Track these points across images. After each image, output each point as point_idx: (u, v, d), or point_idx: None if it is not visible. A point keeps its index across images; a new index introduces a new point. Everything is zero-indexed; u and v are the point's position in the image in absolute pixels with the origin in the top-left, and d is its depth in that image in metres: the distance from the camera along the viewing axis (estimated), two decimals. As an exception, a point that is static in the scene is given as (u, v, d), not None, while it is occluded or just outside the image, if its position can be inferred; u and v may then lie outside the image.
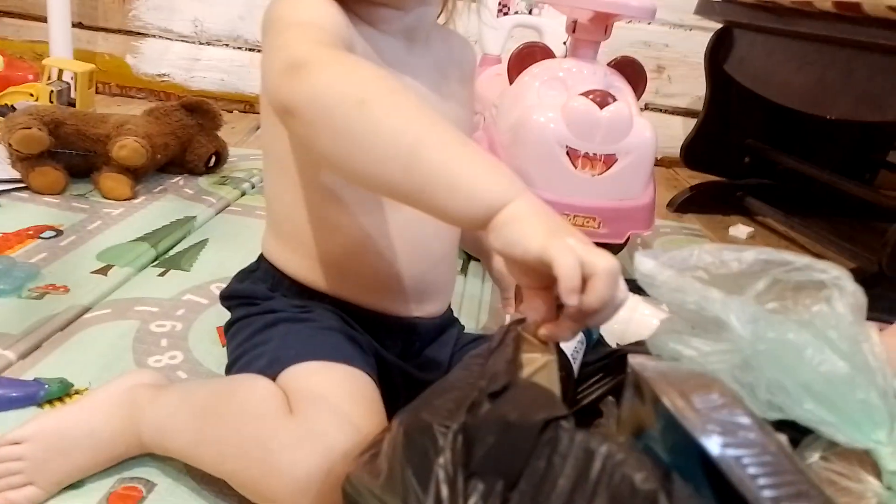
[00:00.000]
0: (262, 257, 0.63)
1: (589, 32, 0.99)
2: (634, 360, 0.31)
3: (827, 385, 0.36)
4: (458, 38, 0.64)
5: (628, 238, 1.05)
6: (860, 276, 1.10)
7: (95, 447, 0.52)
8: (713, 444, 0.25)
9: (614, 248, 1.08)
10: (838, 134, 1.47)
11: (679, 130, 1.83)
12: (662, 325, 0.37)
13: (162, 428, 0.51)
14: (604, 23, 0.97)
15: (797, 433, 0.38)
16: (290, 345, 0.52)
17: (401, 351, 0.60)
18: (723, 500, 0.24)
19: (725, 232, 1.42)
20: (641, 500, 0.23)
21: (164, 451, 0.52)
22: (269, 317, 0.56)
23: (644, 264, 0.37)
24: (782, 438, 0.30)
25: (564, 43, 1.09)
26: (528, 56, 1.02)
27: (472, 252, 0.91)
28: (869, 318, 0.44)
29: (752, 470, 0.24)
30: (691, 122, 1.70)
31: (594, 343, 0.50)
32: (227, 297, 0.64)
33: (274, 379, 0.49)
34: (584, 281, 0.35)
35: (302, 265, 0.58)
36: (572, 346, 0.46)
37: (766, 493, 0.23)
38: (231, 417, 0.47)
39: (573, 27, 1.00)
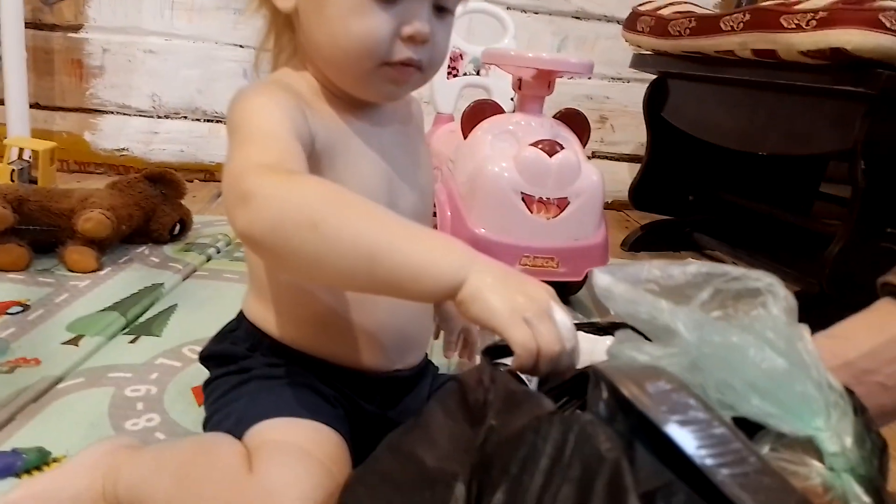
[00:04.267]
0: (242, 317, 0.64)
1: (533, 88, 1.06)
2: (597, 364, 0.34)
3: (769, 381, 0.40)
4: (411, 100, 0.69)
5: (586, 275, 1.10)
6: (803, 298, 1.16)
7: None
8: (666, 422, 0.28)
9: (574, 286, 1.13)
10: (774, 168, 1.57)
11: (626, 175, 1.93)
12: (619, 335, 0.41)
13: (137, 491, 0.51)
14: (546, 79, 1.05)
15: (748, 429, 0.42)
16: (258, 403, 0.53)
17: (381, 402, 0.62)
18: (676, 471, 0.27)
19: (678, 267, 1.48)
20: (607, 466, 0.26)
21: None
22: (243, 375, 0.58)
23: (601, 280, 0.41)
24: (726, 417, 0.34)
25: (512, 99, 1.16)
26: (479, 112, 1.09)
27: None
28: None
29: (700, 442, 0.27)
30: (636, 167, 1.79)
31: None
32: (206, 358, 0.65)
33: (241, 438, 0.51)
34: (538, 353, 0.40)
35: (284, 326, 0.59)
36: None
37: (710, 462, 0.26)
38: (197, 481, 0.48)
39: (519, 84, 1.07)
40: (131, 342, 0.89)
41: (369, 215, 0.44)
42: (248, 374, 0.58)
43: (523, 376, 0.53)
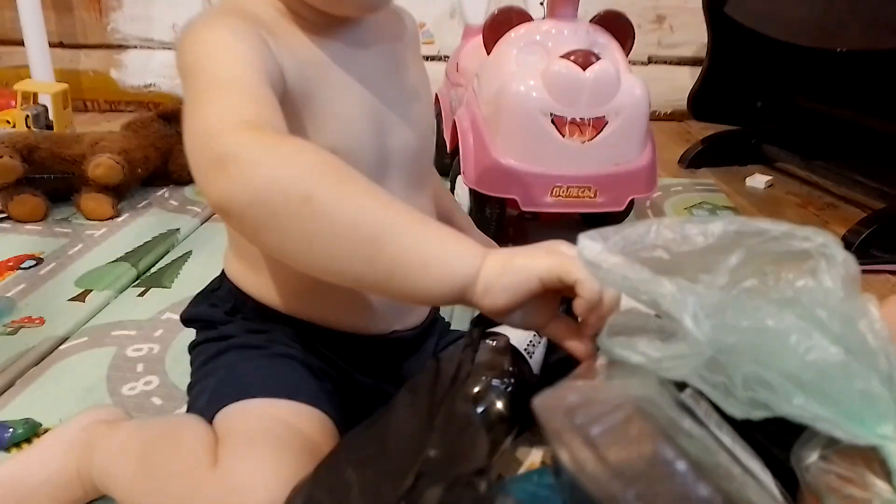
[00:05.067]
0: (224, 275, 0.58)
1: (564, -11, 0.92)
2: (538, 400, 0.26)
3: (819, 375, 0.30)
4: (403, 14, 0.58)
5: (631, 203, 0.98)
6: (889, 216, 1.01)
7: (52, 493, 0.49)
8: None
9: (618, 216, 1.02)
10: (857, 67, 1.37)
11: (687, 81, 1.74)
12: (617, 318, 0.32)
13: (106, 471, 0.48)
14: (576, -23, 0.90)
15: (789, 432, 0.33)
16: (232, 379, 0.48)
17: (379, 369, 0.55)
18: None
19: (742, 184, 1.33)
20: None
21: (109, 495, 0.48)
22: (221, 344, 0.52)
23: (588, 249, 0.31)
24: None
25: (541, 3, 1.02)
26: (503, 22, 0.96)
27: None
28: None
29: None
30: (699, 71, 1.61)
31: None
32: (187, 321, 0.60)
33: (212, 419, 0.45)
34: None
35: (266, 286, 0.53)
36: (525, 339, 0.42)
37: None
38: (159, 470, 0.44)
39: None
40: (140, 295, 0.86)
41: (373, 193, 0.37)
42: (226, 343, 0.53)
43: (521, 349, 0.45)
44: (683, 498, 0.21)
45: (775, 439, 0.32)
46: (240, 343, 0.52)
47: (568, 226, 1.07)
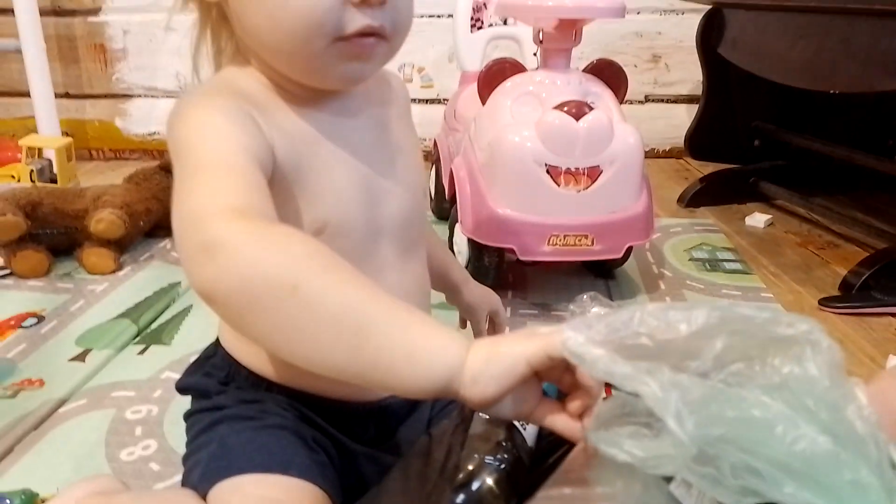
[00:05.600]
0: (218, 344, 0.58)
1: (557, 41, 0.94)
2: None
3: (807, 464, 0.30)
4: (390, 77, 0.59)
5: (629, 251, 0.98)
6: (890, 257, 1.01)
7: None
8: None
9: (615, 263, 1.02)
10: (850, 105, 1.38)
11: (684, 119, 1.75)
12: (603, 406, 0.32)
13: None
14: (571, 29, 0.92)
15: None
16: (224, 453, 0.47)
17: (373, 436, 0.55)
18: None
19: (741, 223, 1.33)
20: None
21: None
22: (215, 414, 0.52)
23: (572, 341, 0.31)
24: None
25: (535, 54, 1.03)
26: (497, 73, 0.97)
27: (437, 290, 0.85)
28: None
29: None
30: (696, 108, 1.62)
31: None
32: (182, 390, 0.60)
33: (206, 495, 0.45)
34: None
35: (259, 356, 0.53)
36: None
37: None
38: None
39: (539, 37, 0.95)
40: (140, 353, 0.86)
41: (359, 283, 0.37)
42: (220, 413, 0.52)
43: (518, 424, 0.45)
44: None
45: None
46: (233, 414, 0.51)
47: (568, 271, 1.07)
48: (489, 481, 0.40)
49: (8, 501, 0.59)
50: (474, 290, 0.72)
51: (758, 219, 1.33)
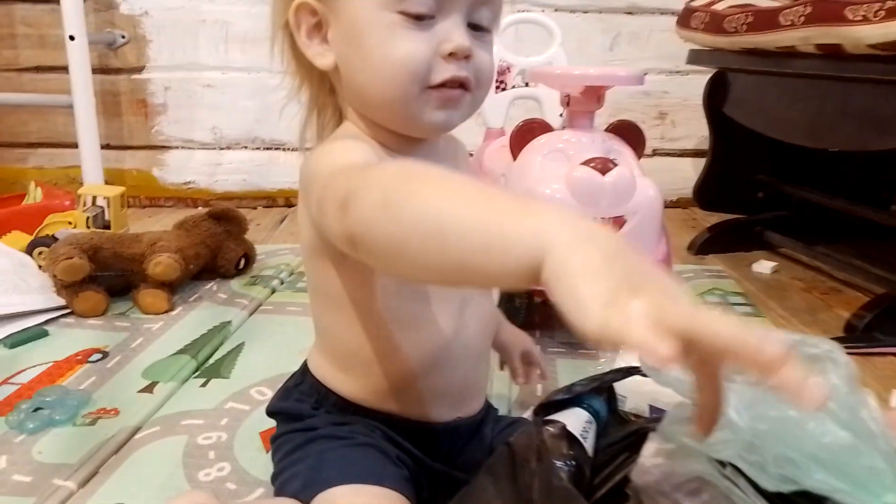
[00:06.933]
0: (306, 370, 0.65)
1: (582, 104, 1.03)
2: (635, 475, 0.33)
3: (832, 455, 0.38)
4: (456, 140, 0.68)
5: (649, 293, 1.06)
6: (890, 301, 1.08)
7: None
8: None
9: (637, 305, 1.10)
10: (849, 160, 1.48)
11: (690, 171, 1.86)
12: (674, 411, 0.40)
13: None
14: (595, 94, 1.02)
15: (816, 501, 0.40)
16: (323, 466, 0.54)
17: (445, 454, 0.61)
18: None
19: (748, 269, 1.42)
20: None
21: None
22: (309, 434, 0.58)
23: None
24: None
25: (560, 115, 1.13)
26: (528, 132, 1.07)
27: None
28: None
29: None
30: (700, 162, 1.72)
31: (604, 421, 0.52)
32: (272, 413, 0.66)
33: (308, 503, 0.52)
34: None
35: (354, 385, 0.59)
36: (580, 426, 0.49)
37: None
38: None
39: (567, 100, 1.05)
40: (202, 386, 0.93)
41: (439, 183, 0.37)
42: (313, 433, 0.59)
43: (576, 434, 0.52)
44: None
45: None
46: (327, 434, 0.58)
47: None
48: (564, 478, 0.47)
49: (106, 516, 0.66)
50: (507, 331, 0.79)
51: (764, 265, 1.41)
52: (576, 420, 0.52)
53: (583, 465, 0.50)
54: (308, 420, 0.60)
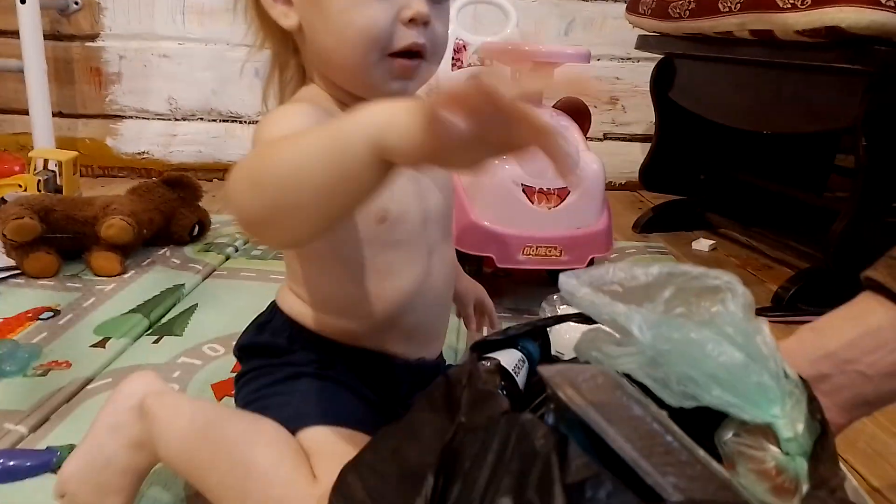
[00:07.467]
0: (276, 308, 0.66)
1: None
2: (544, 368, 0.37)
3: (728, 373, 0.42)
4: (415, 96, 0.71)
5: (591, 262, 1.12)
6: (813, 275, 1.16)
7: (128, 460, 0.57)
8: (595, 419, 0.31)
9: (580, 274, 1.15)
10: (786, 145, 1.57)
11: (638, 155, 1.93)
12: (587, 334, 0.44)
13: (178, 461, 0.54)
14: (544, 70, 1.06)
15: (713, 416, 0.44)
16: (314, 403, 0.57)
17: (406, 392, 0.64)
18: (609, 464, 0.30)
19: (689, 247, 1.49)
20: (540, 460, 0.29)
21: (176, 473, 0.57)
22: (289, 369, 0.60)
23: (566, 283, 0.43)
24: (662, 413, 0.37)
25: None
26: (479, 105, 1.11)
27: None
28: (817, 313, 0.53)
29: (628, 435, 0.30)
30: (649, 146, 1.79)
31: (537, 362, 0.56)
32: (243, 349, 0.67)
33: (294, 432, 0.53)
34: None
35: (327, 322, 0.62)
36: (513, 363, 0.53)
37: (636, 454, 0.29)
38: (261, 474, 0.49)
39: (516, 77, 1.09)
40: (155, 342, 0.94)
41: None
42: (295, 370, 0.60)
43: (509, 369, 0.56)
44: (628, 415, 0.33)
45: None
46: (310, 372, 0.60)
47: (536, 282, 1.20)
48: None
49: (58, 453, 0.67)
50: (464, 280, 0.84)
51: (703, 244, 1.49)
52: (509, 358, 0.56)
53: (513, 397, 0.54)
54: (286, 356, 0.62)
